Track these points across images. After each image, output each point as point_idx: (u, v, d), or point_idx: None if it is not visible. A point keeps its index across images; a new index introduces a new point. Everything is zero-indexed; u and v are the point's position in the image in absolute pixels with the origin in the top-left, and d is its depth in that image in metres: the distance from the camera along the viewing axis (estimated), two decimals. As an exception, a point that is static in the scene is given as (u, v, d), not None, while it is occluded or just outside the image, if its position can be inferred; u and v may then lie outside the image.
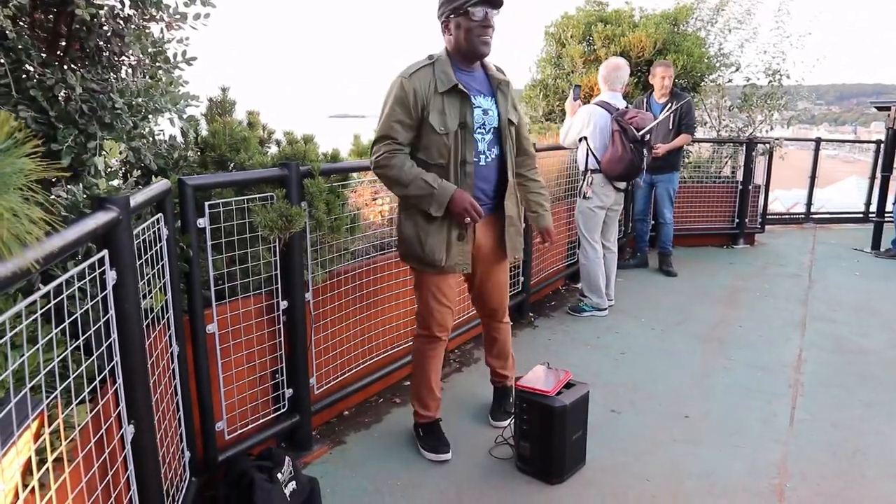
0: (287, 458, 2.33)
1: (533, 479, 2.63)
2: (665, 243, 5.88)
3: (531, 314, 4.67)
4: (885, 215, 7.14)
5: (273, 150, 2.85)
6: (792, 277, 5.90)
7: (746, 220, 7.07)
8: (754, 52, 7.69)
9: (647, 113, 4.57)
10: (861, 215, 8.96)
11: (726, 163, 7.46)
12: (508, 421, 2.95)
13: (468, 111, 2.48)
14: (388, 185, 2.55)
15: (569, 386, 2.70)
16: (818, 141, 8.95)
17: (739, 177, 7.10)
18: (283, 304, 2.66)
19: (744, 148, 7.04)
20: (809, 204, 8.88)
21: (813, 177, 8.80)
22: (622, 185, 4.57)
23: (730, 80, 7.68)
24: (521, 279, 4.54)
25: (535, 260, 4.68)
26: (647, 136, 4.36)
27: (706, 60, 6.71)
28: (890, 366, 3.85)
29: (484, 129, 2.56)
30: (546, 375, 2.75)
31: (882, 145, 7.57)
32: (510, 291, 4.42)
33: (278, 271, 2.61)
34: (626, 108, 4.51)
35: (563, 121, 6.36)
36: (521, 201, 2.82)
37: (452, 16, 2.44)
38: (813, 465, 2.76)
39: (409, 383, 3.51)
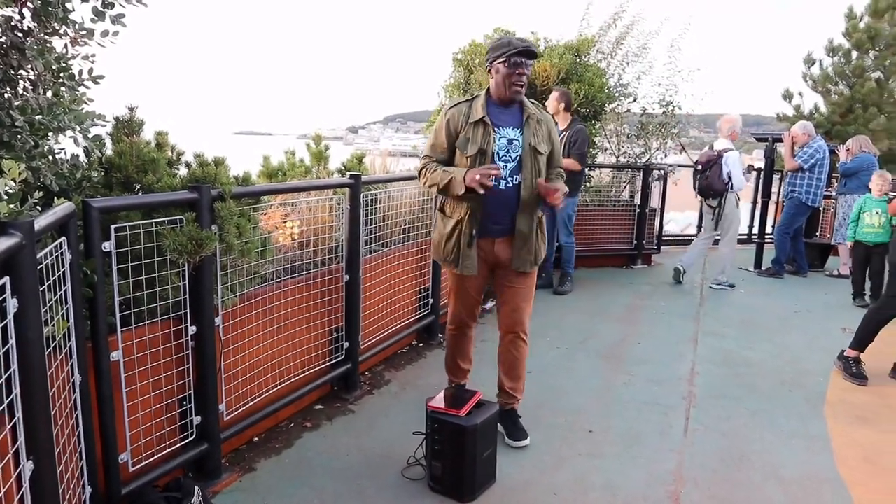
0: (196, 489, 2.28)
1: (445, 498, 2.68)
2: (565, 265, 6.13)
3: (440, 335, 4.73)
4: (766, 237, 7.75)
5: (182, 171, 2.78)
6: (686, 295, 6.29)
7: (644, 242, 7.49)
8: (650, 84, 8.21)
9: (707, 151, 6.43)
10: (745, 237, 9.63)
11: (625, 187, 7.87)
12: (527, 440, 3.15)
13: (489, 140, 2.87)
14: (429, 187, 2.96)
15: (479, 405, 2.78)
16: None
17: (637, 200, 7.52)
18: (192, 329, 2.60)
19: (641, 173, 7.48)
20: (700, 226, 9.45)
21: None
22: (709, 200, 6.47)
23: (628, 110, 8.16)
24: (431, 300, 4.61)
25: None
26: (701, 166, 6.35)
27: (606, 90, 7.08)
28: (771, 376, 4.18)
29: (509, 156, 2.91)
30: (456, 396, 2.82)
31: (761, 173, 8.19)
32: (419, 314, 4.52)
33: (187, 296, 2.55)
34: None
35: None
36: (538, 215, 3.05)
37: (495, 62, 2.88)
38: (705, 472, 2.96)
39: (320, 407, 3.51)
